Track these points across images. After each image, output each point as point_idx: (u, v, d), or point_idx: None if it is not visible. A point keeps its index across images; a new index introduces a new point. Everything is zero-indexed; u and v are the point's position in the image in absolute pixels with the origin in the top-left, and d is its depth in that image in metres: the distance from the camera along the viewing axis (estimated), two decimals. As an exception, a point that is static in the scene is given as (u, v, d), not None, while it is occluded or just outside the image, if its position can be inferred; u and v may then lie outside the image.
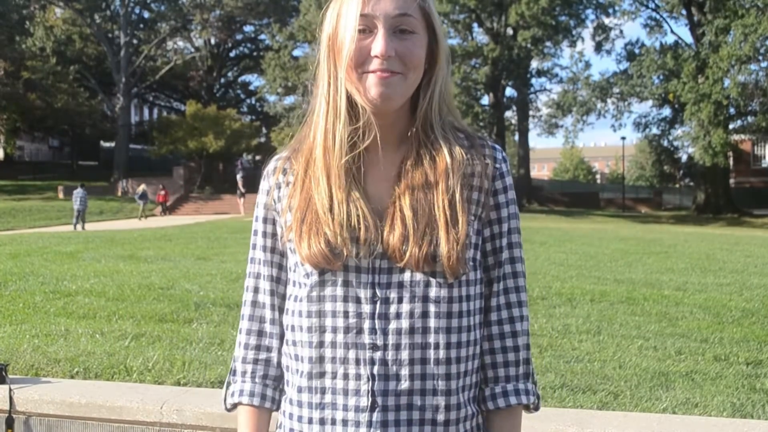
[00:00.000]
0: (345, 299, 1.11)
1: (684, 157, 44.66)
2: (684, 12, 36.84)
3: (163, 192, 33.12)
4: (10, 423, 3.06)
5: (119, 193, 39.76)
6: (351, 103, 1.13)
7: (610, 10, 37.82)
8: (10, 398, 3.07)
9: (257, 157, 50.84)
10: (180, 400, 3.03)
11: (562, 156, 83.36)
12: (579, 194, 49.09)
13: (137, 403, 3.00)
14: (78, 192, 24.77)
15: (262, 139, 47.77)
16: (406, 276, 1.10)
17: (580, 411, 3.03)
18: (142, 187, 30.90)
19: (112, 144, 49.13)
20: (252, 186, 43.14)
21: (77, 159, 52.61)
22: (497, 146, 1.21)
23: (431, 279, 1.10)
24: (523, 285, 1.22)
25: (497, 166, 1.18)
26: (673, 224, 31.17)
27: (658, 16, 38.03)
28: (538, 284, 7.18)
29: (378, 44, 1.07)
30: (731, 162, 42.75)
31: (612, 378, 3.65)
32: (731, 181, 44.94)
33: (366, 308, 1.11)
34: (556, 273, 8.42)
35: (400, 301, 1.10)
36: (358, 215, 1.10)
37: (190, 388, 3.34)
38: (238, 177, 36.81)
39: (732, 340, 4.70)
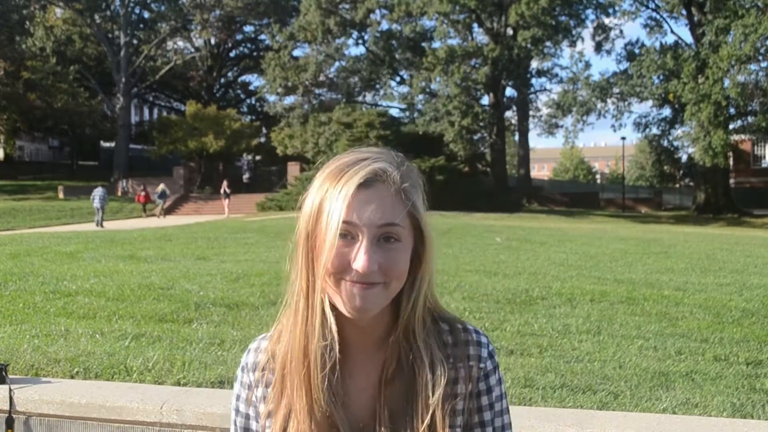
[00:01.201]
0: None
1: (684, 158, 44.66)
2: (684, 12, 36.83)
3: (143, 193, 32.30)
4: (10, 423, 3.06)
5: (119, 193, 39.80)
6: (324, 314, 1.05)
7: (610, 10, 37.84)
8: (10, 398, 3.08)
9: (258, 157, 50.88)
10: (180, 400, 3.04)
11: (562, 156, 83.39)
12: (579, 194, 49.10)
13: (137, 403, 3.00)
14: (98, 191, 26.23)
15: (262, 139, 47.79)
16: None
17: (580, 411, 3.03)
18: (162, 186, 31.71)
19: (112, 144, 49.16)
20: (247, 186, 43.21)
21: (77, 159, 52.63)
22: (483, 339, 1.14)
23: None
24: None
25: (481, 366, 1.12)
26: (673, 224, 31.17)
27: (658, 16, 38.04)
28: (538, 284, 7.18)
29: (360, 260, 0.99)
30: (731, 162, 42.77)
31: (612, 378, 3.65)
32: (731, 181, 44.95)
33: None
34: (556, 273, 8.42)
35: None
36: None
37: (190, 388, 3.34)
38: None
39: (732, 340, 4.70)
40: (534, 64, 40.22)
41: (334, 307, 1.05)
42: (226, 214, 30.80)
